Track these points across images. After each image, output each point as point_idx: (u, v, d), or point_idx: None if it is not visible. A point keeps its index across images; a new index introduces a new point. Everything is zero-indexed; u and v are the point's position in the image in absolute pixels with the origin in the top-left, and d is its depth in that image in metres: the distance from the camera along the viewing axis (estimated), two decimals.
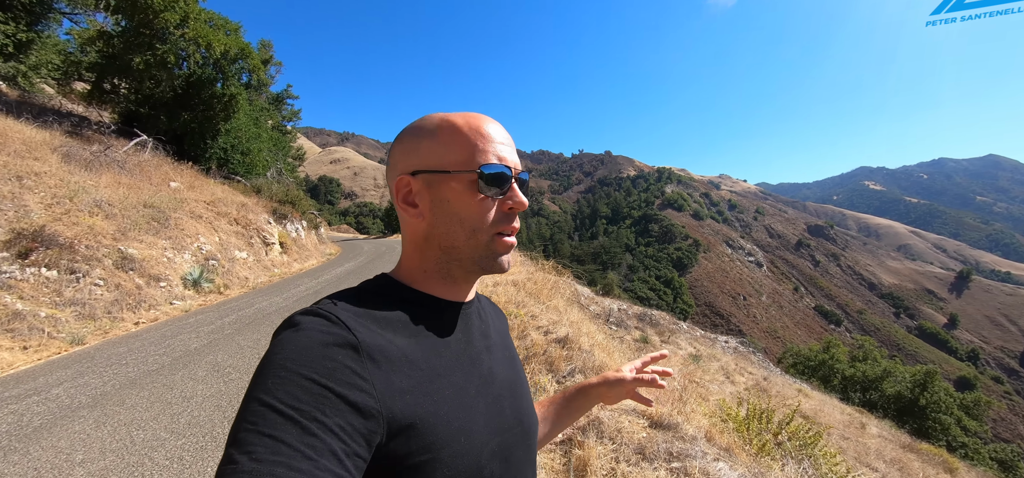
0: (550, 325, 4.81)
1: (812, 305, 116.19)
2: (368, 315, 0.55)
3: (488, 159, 0.60)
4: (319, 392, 0.45)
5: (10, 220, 6.80)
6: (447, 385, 0.56)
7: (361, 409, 0.46)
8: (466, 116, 0.62)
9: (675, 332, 17.67)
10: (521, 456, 0.66)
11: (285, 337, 0.49)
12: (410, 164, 0.61)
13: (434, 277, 0.63)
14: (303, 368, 0.45)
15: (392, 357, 0.52)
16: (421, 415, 0.51)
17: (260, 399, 0.44)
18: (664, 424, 2.63)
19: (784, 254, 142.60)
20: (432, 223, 0.61)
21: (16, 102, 11.73)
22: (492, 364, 0.66)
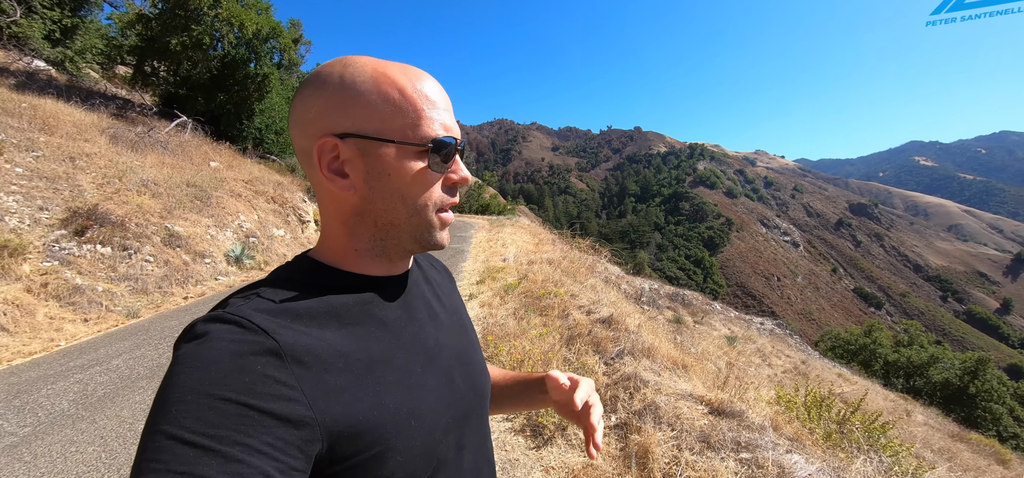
0: (591, 305, 4.68)
1: (851, 287, 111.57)
2: (287, 311, 0.48)
3: (434, 128, 0.52)
4: (238, 412, 0.39)
5: (66, 199, 7.12)
6: (389, 371, 0.52)
7: (292, 420, 0.41)
8: (404, 70, 0.53)
9: (708, 313, 17.26)
10: (477, 420, 0.63)
11: (187, 353, 0.42)
12: (337, 123, 0.51)
13: (367, 256, 0.56)
14: (214, 388, 0.39)
15: (322, 355, 0.46)
16: (363, 410, 0.47)
17: (165, 431, 0.37)
18: (726, 411, 2.48)
19: (823, 234, 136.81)
20: (367, 197, 0.53)
21: (65, 86, 12.22)
22: (439, 335, 0.62)
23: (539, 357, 3.26)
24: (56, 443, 2.74)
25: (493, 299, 5.24)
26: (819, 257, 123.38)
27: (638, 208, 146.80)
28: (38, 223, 6.45)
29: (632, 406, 2.60)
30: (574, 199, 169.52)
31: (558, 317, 4.32)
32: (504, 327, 4.08)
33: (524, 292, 5.27)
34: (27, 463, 2.56)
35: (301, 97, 0.53)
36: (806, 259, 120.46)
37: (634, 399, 2.65)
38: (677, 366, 3.35)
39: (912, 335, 27.56)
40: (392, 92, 0.51)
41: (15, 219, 6.30)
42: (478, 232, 13.60)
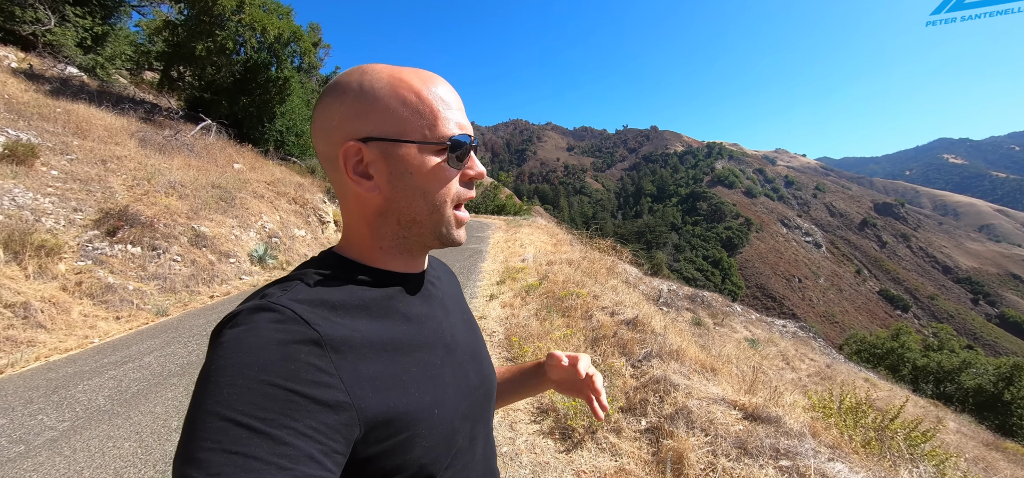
0: (614, 306, 4.62)
1: (876, 289, 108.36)
2: (323, 302, 0.51)
3: (450, 128, 0.56)
4: (285, 397, 0.41)
5: (98, 201, 7.34)
6: (414, 362, 0.55)
7: (332, 406, 0.44)
8: (420, 75, 0.56)
9: (729, 315, 16.92)
10: (485, 412, 0.67)
11: (233, 338, 0.44)
12: (359, 128, 0.54)
13: (390, 252, 0.60)
14: (263, 373, 0.42)
15: (356, 345, 0.49)
16: (393, 398, 0.50)
17: (219, 413, 0.39)
18: (761, 416, 2.40)
19: (846, 234, 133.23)
20: (391, 197, 0.56)
21: (97, 91, 12.63)
22: (453, 331, 0.65)
23: None
24: (94, 438, 2.80)
25: (514, 299, 5.21)
26: (842, 258, 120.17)
27: (654, 208, 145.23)
28: (73, 224, 6.66)
29: (663, 410, 2.54)
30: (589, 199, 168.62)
31: (581, 318, 4.27)
32: (527, 328, 4.05)
33: (545, 293, 5.23)
34: (67, 457, 2.63)
35: (323, 106, 0.56)
36: (829, 260, 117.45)
37: (664, 403, 2.59)
38: (705, 369, 3.27)
39: (942, 339, 26.57)
40: (409, 96, 0.54)
41: (51, 220, 6.51)
42: (495, 232, 13.59)
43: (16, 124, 8.28)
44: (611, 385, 2.82)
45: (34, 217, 6.32)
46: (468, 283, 6.48)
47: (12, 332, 4.79)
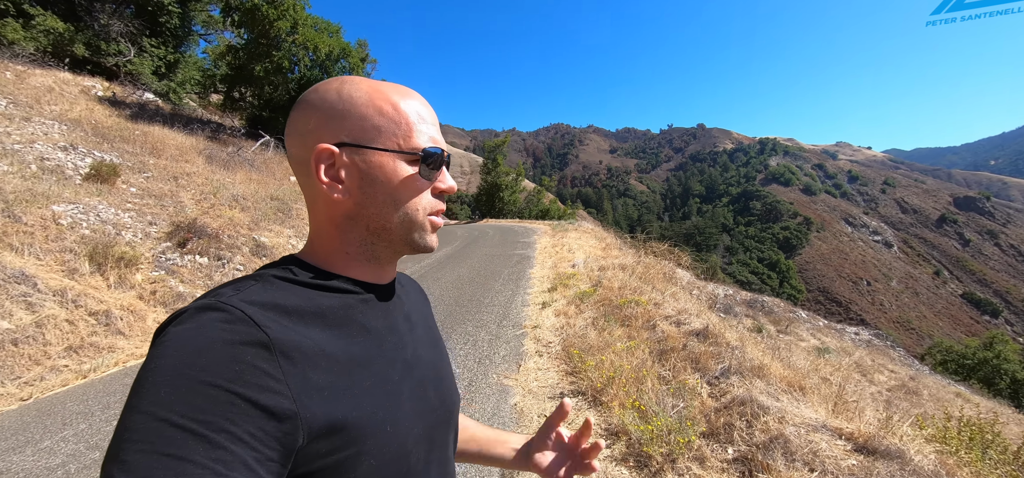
0: (678, 314, 4.27)
1: (959, 292, 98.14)
2: (276, 306, 0.48)
3: (424, 141, 0.57)
4: (227, 400, 0.40)
5: (170, 214, 7.82)
6: (369, 376, 0.53)
7: (275, 413, 0.42)
8: (398, 89, 0.58)
9: (793, 321, 15.77)
10: (444, 435, 0.65)
11: (177, 336, 0.43)
12: (333, 134, 0.54)
13: (357, 259, 0.59)
14: (205, 374, 0.40)
15: (307, 352, 0.47)
16: (343, 411, 0.48)
17: (153, 413, 0.38)
18: (877, 450, 2.03)
19: (921, 232, 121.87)
20: (360, 202, 0.56)
21: (169, 114, 13.66)
22: (416, 347, 0.63)
23: (630, 374, 2.95)
24: None
25: (568, 308, 4.98)
26: (918, 258, 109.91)
27: (703, 209, 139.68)
28: (148, 236, 7.11)
29: (753, 438, 2.22)
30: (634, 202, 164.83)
31: (643, 328, 3.96)
32: (585, 339, 3.80)
33: (600, 300, 4.95)
34: None
35: (300, 110, 0.56)
36: (902, 261, 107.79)
37: (754, 428, 2.27)
38: (792, 387, 2.89)
39: None
40: (386, 106, 0.55)
41: (130, 233, 6.98)
42: (541, 237, 13.39)
43: (101, 146, 9.03)
44: (687, 405, 2.52)
45: (115, 231, 6.80)
46: (518, 290, 6.31)
47: (95, 338, 5.11)
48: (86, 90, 11.97)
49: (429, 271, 8.46)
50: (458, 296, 6.15)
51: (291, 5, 13.36)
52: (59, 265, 5.83)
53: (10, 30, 11.19)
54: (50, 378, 4.39)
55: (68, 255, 5.97)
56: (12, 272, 5.16)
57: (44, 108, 9.71)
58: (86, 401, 3.68)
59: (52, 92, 10.66)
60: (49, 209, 6.45)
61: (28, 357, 4.54)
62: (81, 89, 11.84)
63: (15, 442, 3.08)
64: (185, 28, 15.84)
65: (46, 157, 7.91)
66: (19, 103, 9.36)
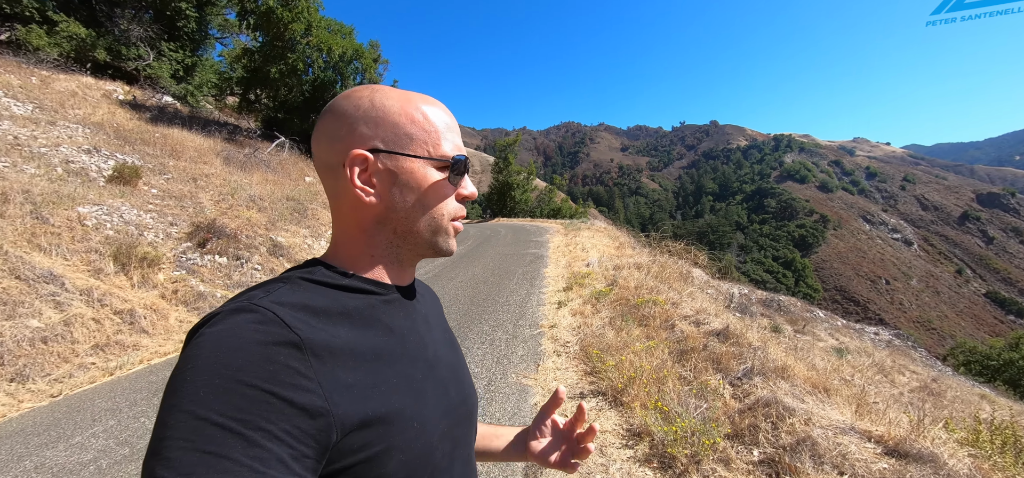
0: (696, 314, 4.23)
1: (982, 291, 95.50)
2: (305, 307, 0.50)
3: (451, 149, 0.59)
4: (262, 399, 0.41)
5: (190, 215, 7.97)
6: (394, 374, 0.54)
7: (309, 410, 0.43)
8: (425, 99, 0.60)
9: (810, 321, 15.48)
10: (465, 433, 0.66)
11: (212, 336, 0.44)
12: (367, 140, 0.56)
13: (381, 262, 0.60)
14: (242, 373, 0.41)
15: (337, 351, 0.49)
16: (372, 407, 0.49)
17: (193, 412, 0.39)
18: (909, 453, 1.98)
19: (942, 229, 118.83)
20: (391, 206, 0.58)
21: (188, 116, 13.91)
22: (436, 347, 0.65)
23: (651, 374, 2.93)
24: None
25: (584, 307, 4.95)
26: (939, 257, 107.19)
27: (717, 207, 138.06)
28: (169, 237, 7.25)
29: (779, 440, 2.18)
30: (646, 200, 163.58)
31: (662, 328, 3.92)
32: (603, 338, 3.78)
33: (617, 300, 4.92)
34: None
35: (332, 116, 0.57)
36: (922, 259, 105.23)
37: (780, 431, 2.23)
38: (817, 389, 2.84)
39: None
40: (417, 115, 0.57)
41: (151, 233, 7.13)
42: (553, 236, 13.36)
43: (123, 149, 9.23)
44: (710, 406, 2.49)
45: (138, 232, 6.95)
46: (533, 289, 6.30)
47: (121, 337, 5.23)
48: (108, 94, 12.25)
49: (443, 271, 8.49)
50: (473, 295, 6.17)
51: (305, 7, 13.52)
52: (85, 265, 5.98)
53: (35, 36, 11.49)
54: (78, 375, 4.51)
55: (93, 255, 6.12)
56: (41, 272, 5.30)
57: (68, 112, 9.96)
58: (114, 398, 3.76)
59: (75, 96, 10.94)
60: (75, 210, 6.61)
61: (57, 355, 4.66)
62: (103, 93, 12.12)
63: (48, 438, 3.17)
64: (202, 32, 16.13)
65: (71, 160, 8.11)
66: (44, 107, 9.61)
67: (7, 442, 3.12)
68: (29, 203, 6.17)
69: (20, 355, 4.40)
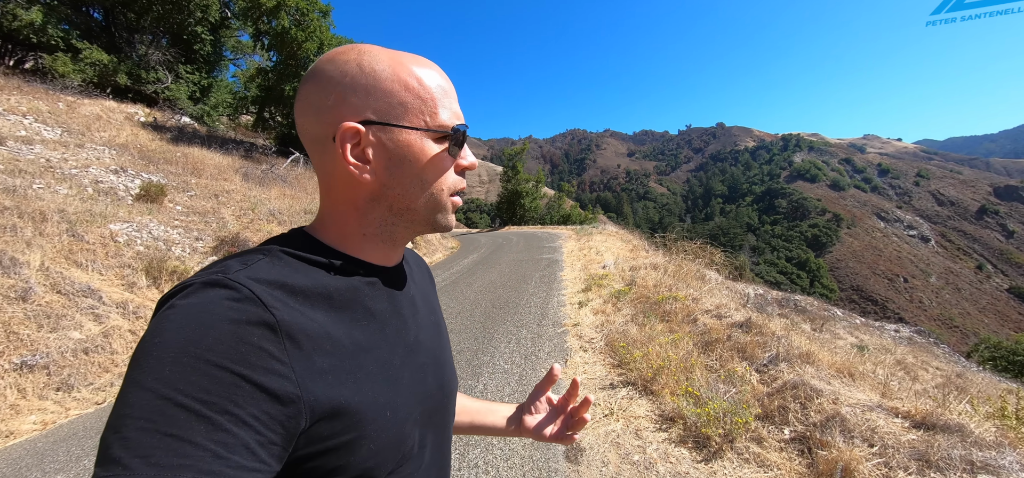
0: (717, 309, 4.29)
1: (1005, 286, 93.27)
2: (283, 285, 0.47)
3: (449, 117, 0.54)
4: (231, 381, 0.39)
5: (214, 230, 8.20)
6: (372, 360, 0.52)
7: (280, 396, 0.41)
8: (418, 60, 0.54)
9: (828, 320, 15.30)
10: (441, 419, 0.65)
11: (182, 310, 0.41)
12: (357, 111, 0.51)
13: (373, 240, 0.57)
14: (211, 353, 0.39)
15: (313, 335, 0.46)
16: (345, 395, 0.47)
17: (156, 390, 0.37)
18: (937, 425, 2.04)
19: (960, 224, 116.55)
20: (386, 183, 0.54)
21: (206, 136, 14.30)
22: (418, 332, 0.62)
23: (678, 363, 3.01)
24: None
25: (605, 306, 5.04)
26: (958, 252, 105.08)
27: (726, 209, 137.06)
28: (195, 251, 7.48)
29: (809, 418, 2.25)
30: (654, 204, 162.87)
31: (685, 322, 4.00)
32: (627, 334, 3.86)
33: (637, 298, 5.00)
34: None
35: (316, 83, 0.52)
36: (940, 255, 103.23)
37: (809, 410, 2.30)
38: (842, 373, 2.90)
39: None
40: (411, 81, 0.52)
41: (178, 248, 7.36)
42: (566, 242, 13.44)
43: (148, 168, 9.55)
44: (739, 391, 2.57)
45: (166, 247, 7.18)
46: (552, 291, 6.40)
47: None
48: (130, 116, 12.67)
49: (461, 277, 8.62)
50: (494, 298, 6.28)
51: (318, 27, 13.89)
52: (119, 279, 6.20)
53: (61, 64, 11.95)
54: (119, 384, 4.69)
55: (126, 270, 6.34)
56: (80, 286, 5.52)
57: (94, 134, 10.33)
58: None
59: (100, 119, 11.33)
60: (107, 228, 6.86)
61: (98, 365, 4.85)
62: (125, 115, 12.53)
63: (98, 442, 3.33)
64: (216, 54, 16.62)
65: (100, 180, 8.41)
66: (72, 131, 9.98)
67: (63, 445, 3.29)
68: (65, 222, 6.43)
69: (64, 366, 4.60)
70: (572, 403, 0.83)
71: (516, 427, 0.84)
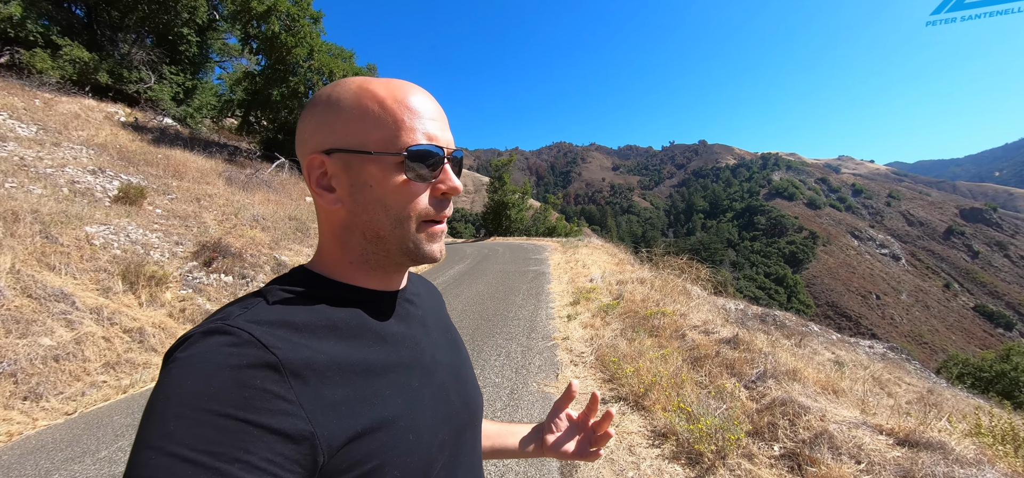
0: (704, 324, 4.36)
1: (970, 305, 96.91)
2: (285, 323, 0.47)
3: (416, 137, 0.52)
4: (237, 428, 0.38)
5: (195, 235, 8.00)
6: (386, 385, 0.51)
7: (291, 435, 0.41)
8: (388, 84, 0.53)
9: (806, 335, 15.64)
10: (469, 439, 0.63)
11: (182, 363, 0.41)
12: (324, 141, 0.52)
13: (359, 268, 0.56)
14: (213, 403, 0.39)
15: (320, 368, 0.46)
16: (362, 423, 0.46)
17: (162, 448, 0.37)
18: (919, 442, 2.11)
19: (929, 244, 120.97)
20: (353, 210, 0.53)
21: (188, 138, 14.01)
22: (434, 352, 0.62)
23: (669, 379, 3.04)
24: None
25: (593, 320, 5.07)
26: (927, 271, 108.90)
27: (708, 225, 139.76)
28: (175, 256, 7.28)
29: (798, 435, 2.30)
30: (638, 218, 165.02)
31: (673, 338, 4.05)
32: (616, 348, 3.89)
33: (625, 312, 5.05)
34: None
35: (301, 119, 0.55)
36: (910, 274, 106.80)
37: (797, 426, 2.35)
38: (827, 390, 2.97)
39: None
40: (371, 105, 0.52)
41: (157, 253, 7.16)
42: (552, 254, 13.50)
43: (127, 170, 9.29)
44: (729, 407, 2.61)
45: (144, 251, 6.97)
46: (541, 304, 6.42)
47: (131, 355, 5.23)
48: (109, 116, 12.33)
49: (447, 288, 8.56)
50: (482, 311, 6.26)
51: (308, 32, 13.81)
52: (94, 284, 5.99)
53: (39, 60, 11.60)
54: (91, 393, 4.51)
55: (102, 274, 6.13)
56: (52, 290, 5.31)
57: (72, 133, 10.02)
58: (133, 414, 3.78)
59: (78, 118, 11.00)
60: (82, 230, 6.63)
61: (69, 373, 4.66)
62: (105, 115, 12.20)
63: (72, 453, 3.19)
64: (202, 55, 16.35)
65: (77, 180, 8.15)
66: (49, 129, 9.67)
67: (30, 458, 3.14)
68: (38, 223, 6.20)
69: (33, 373, 4.40)
70: (593, 417, 0.81)
71: (536, 447, 0.83)
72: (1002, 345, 24.69)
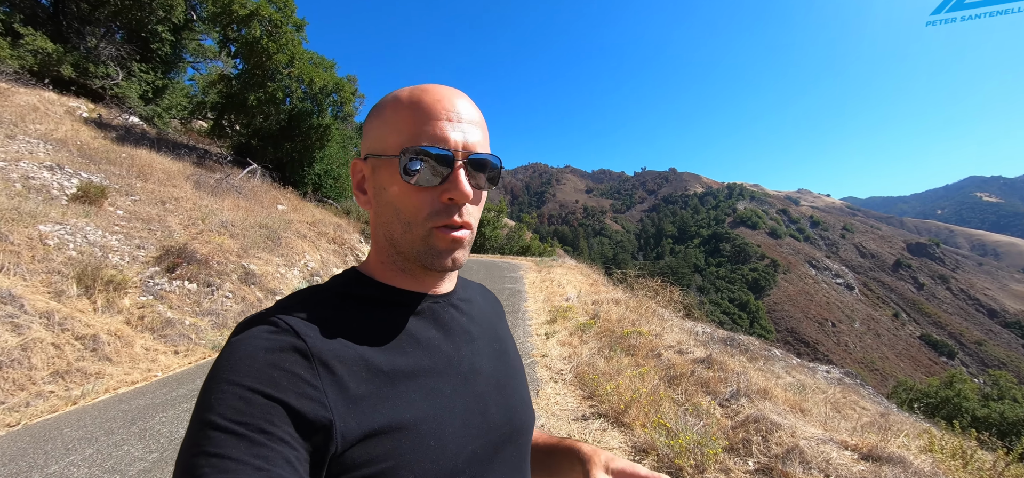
0: (678, 344, 4.49)
1: (917, 334, 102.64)
2: (321, 317, 0.50)
3: (419, 140, 0.51)
4: (265, 403, 0.42)
5: (159, 239, 7.65)
6: (416, 387, 0.51)
7: (310, 419, 0.43)
8: (417, 87, 0.55)
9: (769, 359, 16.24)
10: (511, 455, 0.59)
11: (230, 346, 0.47)
12: (363, 145, 0.57)
13: (391, 269, 0.58)
14: (246, 379, 0.43)
15: (347, 361, 0.48)
16: (381, 421, 0.47)
17: (203, 419, 0.41)
18: (882, 457, 2.24)
19: (879, 276, 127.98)
20: (377, 212, 0.56)
21: (156, 138, 13.45)
22: (475, 360, 0.60)
23: (648, 396, 3.11)
24: None
25: (571, 338, 5.12)
26: (878, 301, 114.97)
27: (676, 249, 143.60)
28: (136, 260, 6.93)
29: (771, 450, 2.40)
30: (610, 241, 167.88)
31: (649, 357, 4.15)
32: (594, 367, 3.94)
33: (602, 331, 5.13)
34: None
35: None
36: (863, 303, 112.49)
37: (770, 443, 2.45)
38: (795, 408, 3.11)
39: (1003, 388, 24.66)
40: (388, 110, 0.54)
41: (117, 256, 6.80)
42: (527, 273, 13.56)
43: (88, 167, 8.83)
44: (706, 424, 2.69)
45: (103, 254, 6.61)
46: (517, 322, 6.42)
47: (83, 364, 4.91)
48: (71, 110, 11.73)
49: None
50: None
51: (290, 39, 13.62)
52: (45, 286, 5.63)
53: None
54: (36, 404, 4.20)
55: (55, 276, 5.77)
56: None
57: (29, 127, 9.48)
58: (85, 427, 3.55)
59: (37, 111, 10.43)
60: (35, 229, 6.24)
61: (13, 381, 4.34)
62: (66, 109, 11.60)
63: (16, 468, 2.96)
64: (176, 55, 15.85)
65: (31, 176, 7.69)
66: (3, 121, 9.11)
67: None
68: None
69: None
70: None
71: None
72: (945, 373, 26.22)
